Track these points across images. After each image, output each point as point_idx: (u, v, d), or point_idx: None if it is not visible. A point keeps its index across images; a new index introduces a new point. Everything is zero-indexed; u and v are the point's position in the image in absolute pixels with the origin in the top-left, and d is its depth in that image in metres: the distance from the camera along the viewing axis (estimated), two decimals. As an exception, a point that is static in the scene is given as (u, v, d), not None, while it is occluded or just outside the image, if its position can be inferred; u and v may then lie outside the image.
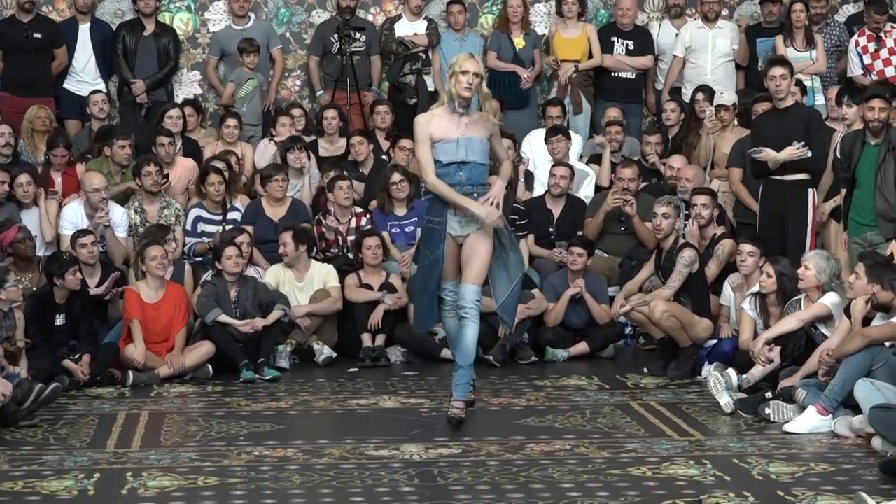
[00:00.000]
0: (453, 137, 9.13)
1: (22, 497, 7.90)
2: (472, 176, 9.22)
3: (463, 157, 9.14)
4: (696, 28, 14.77)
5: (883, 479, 8.07)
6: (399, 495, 7.85)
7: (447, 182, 9.17)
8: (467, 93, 9.09)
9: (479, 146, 9.24)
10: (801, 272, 10.28)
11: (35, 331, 10.85)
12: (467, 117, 9.23)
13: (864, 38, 14.28)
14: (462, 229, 9.26)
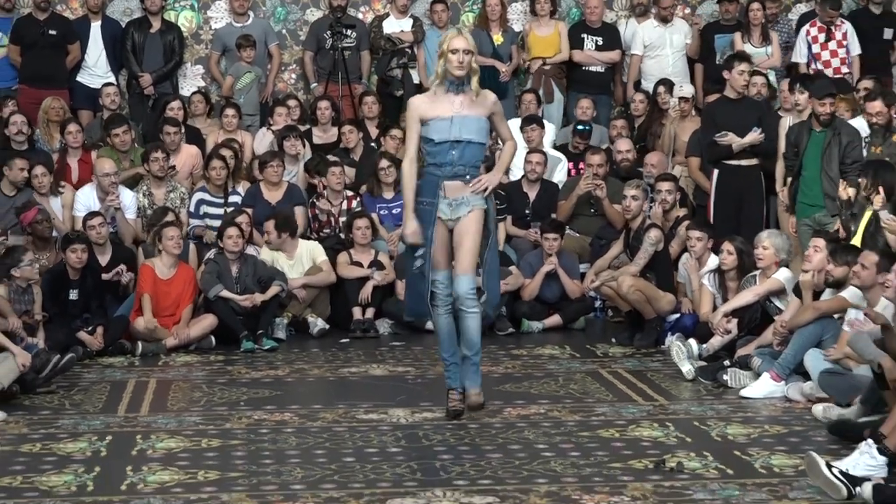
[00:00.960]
0: (447, 116, 8.20)
1: (40, 458, 7.90)
2: (464, 156, 8.25)
3: (457, 136, 8.19)
4: (653, 27, 14.80)
5: (832, 440, 8.10)
6: (387, 455, 7.86)
7: (438, 160, 8.28)
8: (459, 71, 8.14)
9: (476, 125, 8.28)
10: (760, 251, 10.30)
11: (51, 305, 10.85)
12: (463, 95, 8.26)
13: (815, 28, 14.28)
14: (452, 212, 8.28)
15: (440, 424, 8.53)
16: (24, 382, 9.46)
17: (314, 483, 7.30)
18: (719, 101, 12.30)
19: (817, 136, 11.17)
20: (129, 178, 12.65)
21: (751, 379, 9.54)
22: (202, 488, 7.23)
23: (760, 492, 7.10)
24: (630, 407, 9.11)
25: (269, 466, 7.66)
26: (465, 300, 8.23)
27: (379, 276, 12.13)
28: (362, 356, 11.06)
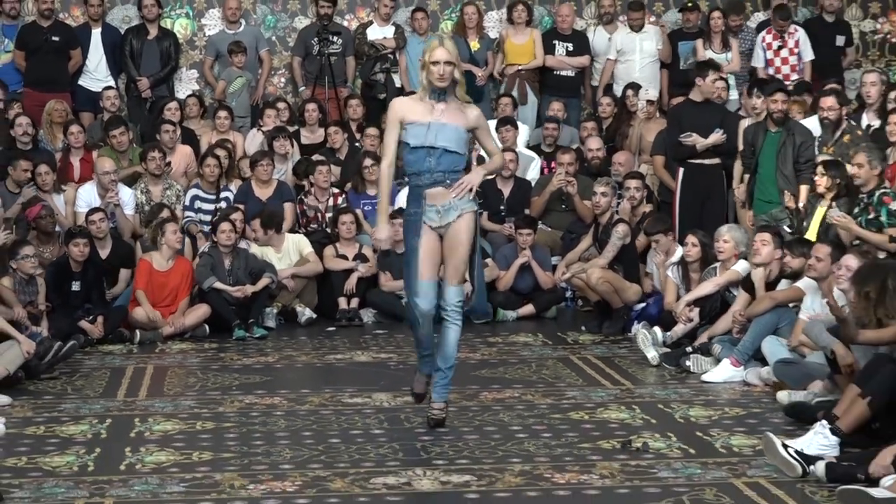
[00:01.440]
0: (425, 121, 7.57)
1: (44, 440, 7.90)
2: (441, 164, 7.58)
3: (432, 143, 7.54)
4: (625, 34, 14.81)
5: (787, 422, 8.14)
6: (370, 437, 7.88)
7: (416, 169, 7.65)
8: (441, 83, 7.54)
9: (454, 133, 7.60)
10: (720, 244, 10.33)
11: (54, 296, 10.86)
12: (445, 104, 7.62)
13: (770, 35, 14.33)
14: (441, 219, 7.61)
15: (420, 408, 8.52)
16: (29, 368, 9.46)
17: (302, 463, 7.31)
18: (684, 104, 12.34)
19: (773, 136, 11.23)
20: (127, 176, 12.65)
21: (712, 364, 9.56)
22: (197, 468, 7.23)
23: (721, 470, 7.13)
24: (599, 391, 9.12)
25: (259, 447, 7.66)
26: (452, 312, 7.71)
27: (363, 269, 12.13)
28: (347, 344, 11.05)
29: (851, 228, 9.74)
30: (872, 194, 9.87)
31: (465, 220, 7.67)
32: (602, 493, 6.77)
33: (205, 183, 12.68)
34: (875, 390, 7.22)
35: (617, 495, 6.72)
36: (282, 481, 6.95)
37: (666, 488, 6.79)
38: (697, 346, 9.93)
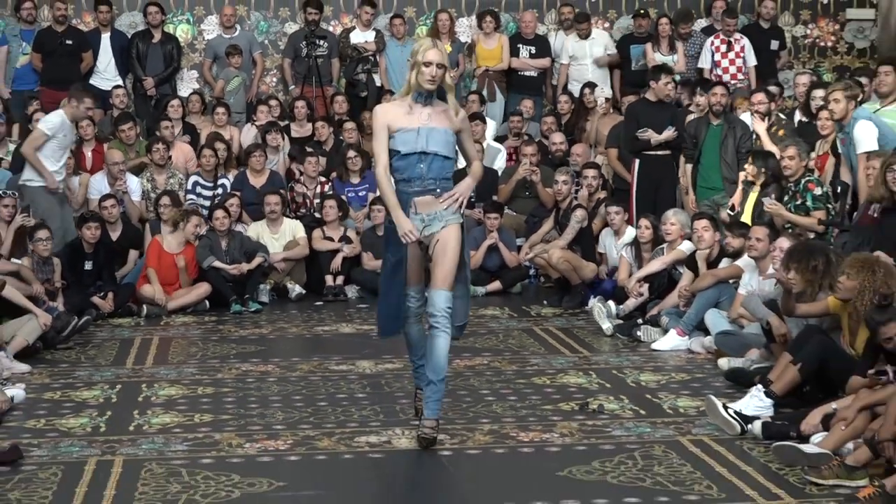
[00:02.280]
0: (414, 127, 6.62)
1: (60, 404, 7.89)
2: (433, 169, 6.67)
3: (423, 148, 6.60)
4: (575, 41, 14.84)
5: (727, 386, 8.17)
6: (354, 400, 7.88)
7: (406, 175, 6.68)
8: (430, 85, 6.63)
9: (443, 137, 6.68)
10: (668, 227, 10.36)
11: (69, 274, 10.80)
12: (430, 108, 6.71)
13: (718, 40, 14.34)
14: (426, 228, 6.67)
15: (399, 374, 8.52)
16: (46, 340, 9.46)
17: (293, 424, 7.31)
18: (640, 103, 12.38)
19: (714, 130, 11.36)
20: (134, 166, 12.61)
21: (660, 334, 9.60)
22: (198, 429, 7.23)
23: (668, 429, 7.16)
24: (559, 358, 9.14)
25: (254, 410, 7.66)
26: (440, 317, 6.63)
27: (347, 249, 12.12)
28: (333, 316, 11.05)
29: (783, 214, 9.79)
30: (799, 182, 9.92)
31: (452, 230, 6.69)
32: (562, 449, 6.78)
33: (204, 172, 12.67)
34: (805, 358, 7.26)
35: (575, 452, 6.73)
36: (275, 440, 6.95)
37: (619, 445, 6.82)
38: (647, 318, 9.96)
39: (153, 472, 6.37)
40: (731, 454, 6.63)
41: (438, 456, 6.63)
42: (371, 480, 6.24)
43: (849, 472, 6.12)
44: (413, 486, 6.08)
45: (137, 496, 5.98)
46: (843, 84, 10.49)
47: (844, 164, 10.14)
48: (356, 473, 6.39)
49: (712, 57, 14.27)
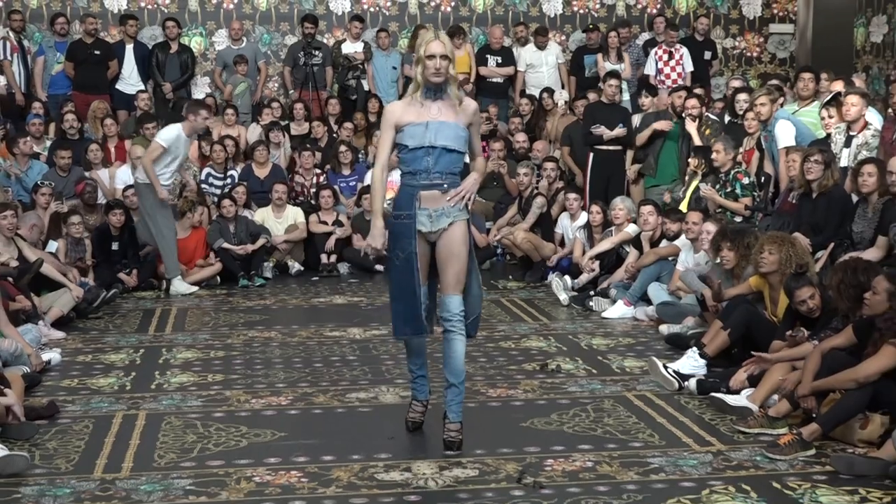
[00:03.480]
0: (422, 121, 5.75)
1: (91, 366, 7.87)
2: (440, 163, 5.75)
3: (431, 142, 5.72)
4: (532, 51, 14.83)
5: (667, 348, 8.20)
6: (346, 362, 7.88)
7: (412, 168, 5.77)
8: (437, 77, 5.73)
9: (453, 132, 5.77)
10: (616, 212, 10.39)
11: (98, 253, 10.82)
12: (441, 102, 5.82)
13: (661, 50, 14.35)
14: (432, 224, 5.78)
15: (385, 339, 8.52)
16: (79, 310, 9.48)
17: (293, 382, 7.31)
18: (596, 104, 12.42)
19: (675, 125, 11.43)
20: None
21: (609, 305, 9.62)
22: (211, 387, 7.22)
23: (616, 385, 7.18)
24: (522, 325, 9.15)
25: (259, 370, 7.66)
26: (455, 321, 5.85)
27: (340, 232, 12.12)
28: (328, 290, 11.04)
29: (716, 199, 9.82)
30: (729, 173, 9.96)
31: (459, 228, 5.83)
32: (525, 404, 6.79)
33: (215, 165, 12.63)
34: (733, 324, 7.30)
35: (537, 405, 6.74)
36: (277, 396, 6.95)
37: (574, 400, 6.83)
38: (598, 291, 9.99)
39: (172, 425, 6.36)
40: (671, 407, 6.66)
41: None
42: (360, 431, 6.23)
43: (771, 422, 6.16)
44: (397, 436, 6.08)
45: (158, 445, 5.97)
46: (766, 89, 10.55)
47: (767, 157, 10.18)
48: (347, 425, 6.39)
49: (656, 65, 14.28)
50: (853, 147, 9.15)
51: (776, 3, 16.32)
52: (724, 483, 5.33)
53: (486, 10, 15.73)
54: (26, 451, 5.76)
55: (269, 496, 5.19)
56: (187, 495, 5.21)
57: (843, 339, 6.18)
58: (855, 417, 5.84)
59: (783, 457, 5.67)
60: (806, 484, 5.32)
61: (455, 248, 5.80)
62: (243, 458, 5.75)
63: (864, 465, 5.42)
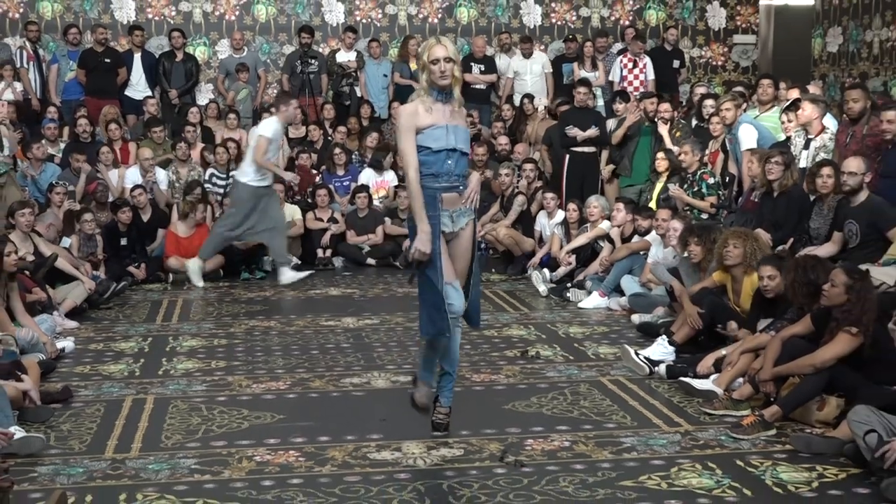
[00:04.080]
0: (443, 124, 5.48)
1: (102, 353, 7.86)
2: (458, 165, 5.53)
3: (453, 145, 5.47)
4: (519, 60, 14.80)
5: (638, 336, 8.22)
6: (340, 349, 7.88)
7: (435, 170, 5.45)
8: (444, 80, 5.44)
9: (464, 134, 5.60)
10: (591, 209, 10.38)
11: (108, 248, 10.78)
12: (450, 105, 5.55)
13: (626, 58, 14.35)
14: (454, 225, 5.59)
15: (377, 328, 8.53)
16: (91, 301, 9.44)
17: (291, 368, 7.30)
18: (572, 109, 12.42)
19: (646, 129, 11.42)
20: (161, 161, 12.50)
21: (585, 296, 9.63)
22: (214, 373, 7.22)
23: (591, 370, 7.19)
24: (504, 314, 9.15)
25: (259, 357, 7.65)
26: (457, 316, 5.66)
27: (334, 228, 12.08)
28: (323, 282, 11.01)
29: (683, 198, 9.84)
30: (696, 173, 9.97)
31: (471, 227, 5.70)
32: (507, 388, 6.80)
33: (218, 166, 12.57)
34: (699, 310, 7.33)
35: (517, 389, 6.75)
36: (276, 381, 6.95)
37: (552, 384, 6.84)
38: (575, 283, 9.99)
39: (178, 408, 6.35)
40: (642, 391, 6.67)
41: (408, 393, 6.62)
42: (354, 413, 6.24)
43: (735, 404, 6.18)
44: (388, 418, 6.08)
45: (165, 427, 5.97)
46: (730, 95, 10.58)
47: (731, 159, 10.20)
48: (342, 408, 6.39)
49: (621, 72, 14.29)
50: (811, 149, 9.18)
51: (739, 16, 16.36)
52: (692, 461, 5.35)
53: (471, 21, 15.73)
54: (42, 433, 5.76)
55: (268, 474, 5.20)
56: (192, 474, 5.21)
57: (802, 327, 6.22)
58: (812, 400, 5.88)
59: (746, 436, 5.69)
60: (767, 461, 5.35)
61: (466, 245, 5.65)
62: (245, 439, 5.75)
63: (821, 444, 5.45)
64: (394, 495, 4.90)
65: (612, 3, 15.97)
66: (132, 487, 5.04)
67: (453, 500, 4.85)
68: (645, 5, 16.04)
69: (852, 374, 5.74)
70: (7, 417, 5.60)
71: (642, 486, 5.00)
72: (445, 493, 4.93)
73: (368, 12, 15.54)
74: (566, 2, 15.88)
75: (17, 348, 7.04)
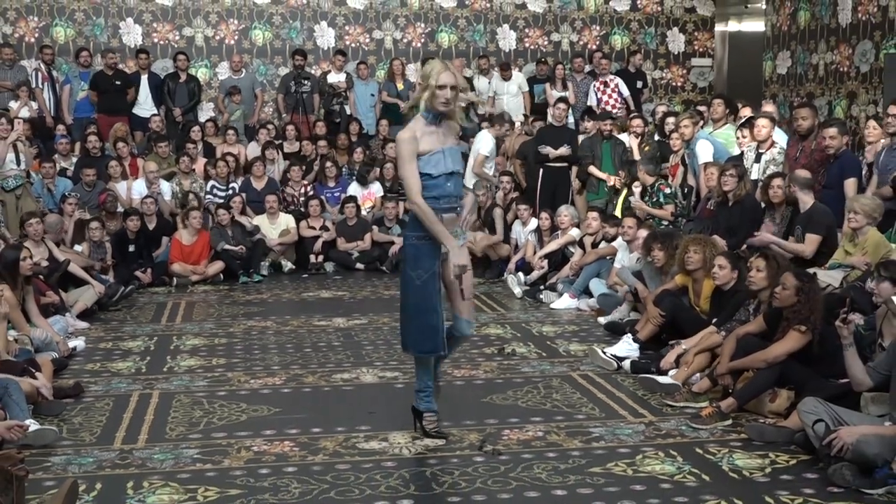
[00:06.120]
0: (438, 149, 5.22)
1: (111, 351, 7.82)
2: (456, 187, 5.30)
3: (451, 168, 5.23)
4: (498, 81, 14.79)
5: (606, 334, 8.22)
6: (332, 347, 7.86)
7: (436, 193, 5.19)
8: (445, 108, 5.22)
9: (458, 156, 5.38)
10: (562, 218, 10.40)
11: (117, 254, 10.74)
12: (443, 127, 5.31)
13: (598, 82, 14.35)
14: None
15: (365, 327, 8.51)
16: (100, 304, 9.40)
17: (286, 365, 7.28)
18: (547, 127, 12.39)
19: (606, 146, 11.39)
20: (166, 174, 12.44)
21: (557, 297, 9.63)
22: (215, 369, 7.18)
23: (563, 366, 7.19)
24: (482, 315, 9.13)
25: (257, 355, 7.62)
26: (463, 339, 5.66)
27: (326, 235, 12.04)
28: (316, 285, 10.97)
29: (644, 208, 9.86)
30: (654, 185, 10.01)
31: (465, 247, 5.44)
32: (485, 382, 6.79)
33: (218, 178, 12.53)
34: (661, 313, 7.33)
35: (495, 384, 6.74)
36: (272, 377, 6.92)
37: (527, 378, 6.84)
38: (547, 285, 10.00)
39: (182, 402, 6.32)
40: (609, 384, 6.68)
41: (394, 387, 6.62)
42: (344, 407, 6.21)
43: (694, 396, 6.19)
44: (375, 410, 6.06)
45: (170, 420, 5.93)
46: (689, 113, 10.64)
47: (690, 171, 10.23)
48: (333, 401, 6.36)
49: (596, 96, 14.28)
50: (762, 162, 9.22)
51: (697, 41, 16.43)
52: (655, 449, 5.35)
53: (451, 45, 15.74)
54: (55, 426, 5.73)
55: (265, 463, 5.17)
56: (195, 463, 5.18)
57: (755, 326, 6.25)
58: (765, 392, 5.89)
59: (705, 426, 5.70)
60: (724, 449, 5.36)
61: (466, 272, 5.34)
62: (243, 430, 5.72)
63: (773, 433, 5.46)
64: (381, 482, 4.88)
65: (581, 29, 16.02)
66: (139, 476, 5.01)
67: (436, 486, 4.84)
68: (611, 31, 16.10)
69: (802, 368, 5.76)
70: (23, 411, 5.57)
71: (610, 473, 5.00)
72: (429, 480, 4.92)
73: (357, 37, 15.54)
74: (539, 28, 15.92)
75: (32, 347, 7.02)
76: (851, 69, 13.43)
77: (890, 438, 4.72)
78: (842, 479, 4.76)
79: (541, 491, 4.75)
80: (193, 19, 15.19)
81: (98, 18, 14.86)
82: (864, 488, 4.69)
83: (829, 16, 13.92)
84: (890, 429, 4.84)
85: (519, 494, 4.70)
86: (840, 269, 7.15)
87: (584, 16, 16.05)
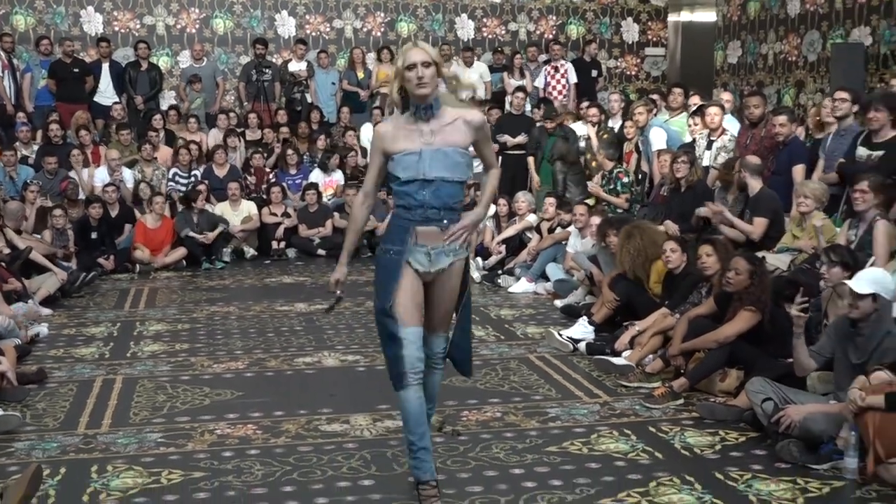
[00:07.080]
0: (415, 149, 4.12)
1: (74, 337, 7.74)
2: (438, 197, 4.12)
3: (425, 174, 4.09)
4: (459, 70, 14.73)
5: (562, 318, 8.26)
6: (294, 331, 7.83)
7: (406, 202, 4.16)
8: (422, 89, 4.08)
9: (451, 159, 4.14)
10: (519, 204, 10.43)
11: (79, 241, 10.62)
12: (435, 122, 4.15)
13: (550, 66, 14.37)
14: (431, 264, 4.21)
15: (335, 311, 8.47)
16: (63, 291, 9.29)
17: (249, 349, 7.25)
18: (506, 116, 12.44)
19: (551, 139, 11.38)
20: (128, 161, 12.32)
21: (514, 281, 9.66)
22: (178, 354, 7.14)
23: (521, 348, 7.22)
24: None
25: (220, 339, 7.58)
26: (437, 360, 4.43)
27: (287, 222, 11.99)
28: (278, 271, 10.93)
29: (600, 194, 9.92)
30: (612, 171, 10.05)
31: (458, 267, 4.32)
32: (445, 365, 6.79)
33: (181, 166, 12.43)
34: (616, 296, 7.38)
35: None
36: (235, 362, 6.89)
37: (486, 361, 6.86)
38: (505, 270, 10.03)
39: (145, 387, 6.28)
40: (565, 366, 6.72)
41: (356, 371, 6.62)
42: (306, 390, 6.21)
43: (648, 377, 6.25)
44: (336, 393, 6.06)
45: (133, 405, 5.89)
46: (643, 101, 10.67)
47: (644, 158, 10.30)
48: (295, 385, 6.35)
49: (545, 78, 14.31)
50: (713, 150, 9.30)
51: (650, 30, 16.52)
52: (610, 428, 5.40)
53: (410, 34, 15.69)
54: (19, 412, 5.67)
55: (228, 446, 5.15)
56: (158, 446, 5.15)
57: (706, 308, 6.31)
58: (716, 372, 5.96)
59: (658, 406, 5.76)
60: (676, 428, 5.41)
61: (450, 287, 4.31)
62: (206, 414, 5.69)
63: (723, 412, 5.53)
64: (343, 463, 4.89)
65: (538, 19, 16.05)
66: (102, 460, 4.97)
67: (397, 466, 4.85)
68: (567, 21, 16.14)
69: (751, 348, 5.83)
70: (-15, 397, 5.50)
71: (566, 452, 5.04)
72: (390, 461, 4.92)
73: (318, 26, 15.46)
74: (496, 17, 15.93)
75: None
76: (800, 59, 13.58)
77: (835, 416, 4.80)
78: (789, 454, 4.83)
79: (499, 470, 4.78)
80: (154, 8, 15.03)
81: (58, 7, 14.66)
82: (810, 464, 4.77)
83: (779, 6, 14.06)
84: (835, 406, 4.92)
85: (478, 474, 4.73)
86: (788, 252, 7.24)
87: (540, 6, 16.08)
